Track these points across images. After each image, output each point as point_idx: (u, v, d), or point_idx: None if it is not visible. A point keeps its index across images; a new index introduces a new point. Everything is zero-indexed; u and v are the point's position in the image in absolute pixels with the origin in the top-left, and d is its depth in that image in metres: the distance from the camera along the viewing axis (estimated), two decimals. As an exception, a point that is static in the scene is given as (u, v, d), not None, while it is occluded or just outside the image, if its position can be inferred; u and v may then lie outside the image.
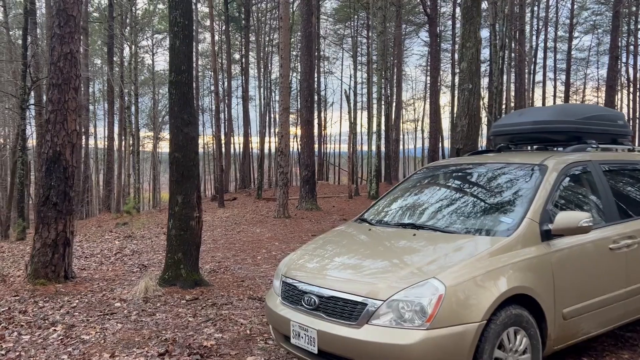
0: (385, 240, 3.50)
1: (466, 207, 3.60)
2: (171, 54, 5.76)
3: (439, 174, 4.21)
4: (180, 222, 5.83)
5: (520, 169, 3.74)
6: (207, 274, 6.75)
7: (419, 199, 4.00)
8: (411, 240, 3.31)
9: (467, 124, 8.11)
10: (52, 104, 6.22)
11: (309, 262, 3.53)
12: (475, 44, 8.20)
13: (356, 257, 3.34)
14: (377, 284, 2.91)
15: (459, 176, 4.01)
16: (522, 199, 3.39)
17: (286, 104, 13.26)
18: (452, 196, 3.81)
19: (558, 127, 4.12)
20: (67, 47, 6.25)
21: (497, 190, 3.66)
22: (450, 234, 3.31)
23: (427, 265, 2.96)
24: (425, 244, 3.26)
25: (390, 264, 3.12)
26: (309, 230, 11.30)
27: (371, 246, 3.47)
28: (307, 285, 3.20)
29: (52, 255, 6.17)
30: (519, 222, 3.21)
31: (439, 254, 3.09)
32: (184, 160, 5.78)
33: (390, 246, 3.39)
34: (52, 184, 6.18)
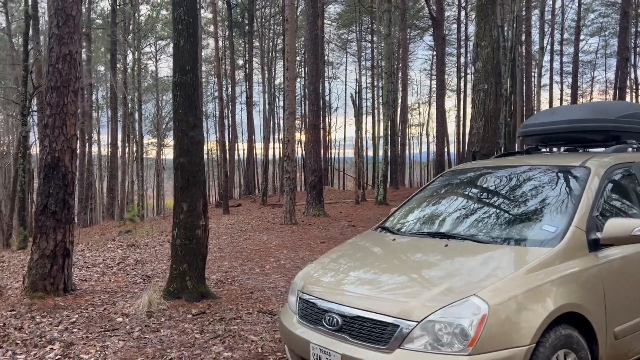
0: (413, 251, 3.16)
1: (502, 214, 3.26)
2: (175, 54, 5.47)
3: (467, 177, 3.87)
4: (185, 231, 5.51)
5: (559, 171, 3.40)
6: (213, 285, 6.42)
7: (447, 205, 3.66)
8: (443, 252, 2.97)
9: (483, 126, 7.79)
10: (50, 108, 5.93)
11: (329, 276, 3.20)
12: (491, 43, 7.89)
13: (382, 271, 3.01)
14: (409, 302, 2.57)
15: (490, 180, 3.68)
16: (565, 205, 3.05)
17: (292, 107, 12.97)
18: (485, 202, 3.47)
19: (596, 126, 3.79)
20: (66, 48, 5.96)
21: (534, 195, 3.31)
22: (487, 245, 2.97)
23: (465, 281, 2.62)
24: (460, 256, 2.92)
25: (422, 279, 2.78)
26: (317, 237, 10.96)
27: (398, 258, 3.13)
28: (328, 303, 2.87)
29: (50, 266, 5.86)
30: (564, 230, 2.87)
31: (478, 267, 2.76)
32: (190, 165, 5.47)
33: (419, 259, 3.05)
34: (51, 192, 5.88)
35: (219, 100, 21.34)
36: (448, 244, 3.03)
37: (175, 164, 5.56)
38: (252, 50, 34.76)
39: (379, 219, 14.19)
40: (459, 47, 35.33)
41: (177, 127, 5.49)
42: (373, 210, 16.86)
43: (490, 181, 3.68)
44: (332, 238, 10.70)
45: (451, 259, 2.91)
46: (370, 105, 38.84)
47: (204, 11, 36.13)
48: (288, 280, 6.72)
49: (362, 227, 12.58)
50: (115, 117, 27.65)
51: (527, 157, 3.95)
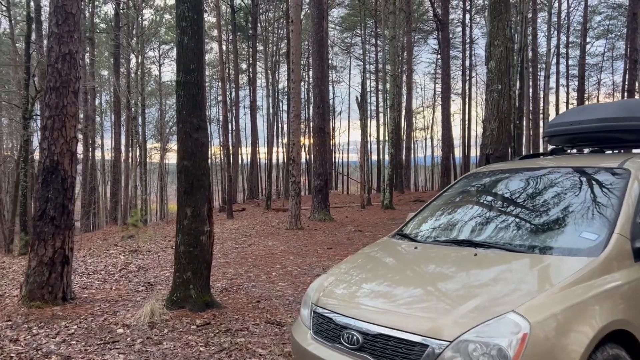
0: (439, 261, 2.89)
1: (534, 220, 2.99)
2: (179, 52, 5.23)
3: (491, 180, 3.61)
4: (189, 237, 5.26)
5: (594, 173, 3.14)
6: (218, 294, 6.16)
7: (471, 211, 3.39)
8: (473, 262, 2.71)
9: (497, 128, 7.53)
10: (49, 109, 5.70)
11: (346, 287, 2.94)
12: (504, 42, 7.64)
13: (405, 283, 2.74)
14: (439, 319, 2.31)
15: (518, 183, 3.41)
16: (605, 210, 2.79)
17: (298, 110, 12.73)
18: (514, 207, 3.20)
19: (631, 125, 3.52)
20: (66, 47, 5.74)
21: (568, 199, 3.05)
22: (520, 254, 2.71)
23: (500, 295, 2.36)
24: (492, 266, 2.66)
25: (452, 292, 2.52)
26: (323, 242, 10.70)
27: (423, 269, 2.86)
28: (347, 318, 2.61)
29: (49, 274, 5.62)
30: (606, 239, 2.60)
31: (513, 280, 2.49)
32: (194, 168, 5.22)
33: (447, 269, 2.77)
34: (49, 197, 5.64)
35: (223, 104, 21.13)
36: (477, 253, 2.77)
37: (179, 167, 5.32)
38: (255, 54, 34.61)
39: (386, 223, 13.94)
40: (464, 50, 35.15)
41: (181, 128, 5.25)
42: (379, 215, 16.58)
43: (518, 184, 3.42)
44: (339, 243, 10.43)
45: (482, 269, 2.64)
46: (375, 109, 38.66)
47: (207, 15, 36.08)
48: (295, 288, 6.46)
49: (369, 232, 12.31)
50: (118, 121, 27.51)
51: (556, 159, 3.68)
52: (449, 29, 27.53)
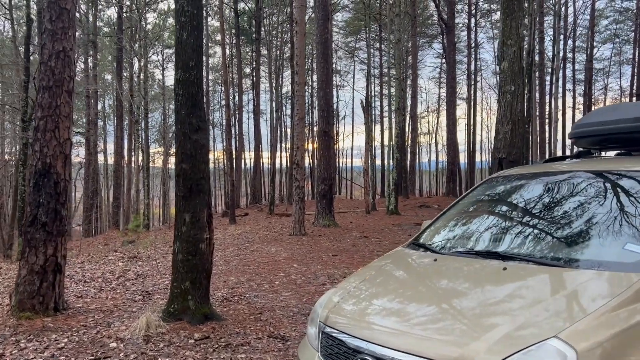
0: (463, 276, 2.58)
1: (569, 230, 2.67)
2: (177, 49, 4.95)
3: (516, 185, 3.28)
4: (187, 244, 4.96)
5: (633, 178, 2.82)
6: (218, 304, 5.86)
7: (497, 218, 3.07)
8: (502, 277, 2.39)
9: (510, 131, 7.21)
10: (41, 109, 5.43)
11: (358, 304, 2.63)
12: (518, 42, 7.34)
13: (427, 301, 2.43)
14: (470, 345, 1.99)
15: (547, 188, 3.08)
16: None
17: (302, 113, 12.44)
18: (544, 215, 2.88)
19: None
20: (60, 45, 5.47)
21: (607, 207, 2.73)
22: (555, 269, 2.39)
23: (537, 317, 2.04)
24: (524, 282, 2.35)
25: (481, 312, 2.20)
26: (328, 249, 10.38)
27: (445, 284, 2.54)
28: (361, 341, 2.29)
29: (40, 284, 5.32)
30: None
31: (550, 298, 2.17)
32: (193, 172, 4.93)
33: (473, 286, 2.45)
34: (41, 201, 5.36)
35: (226, 107, 20.90)
36: (506, 266, 2.45)
37: (177, 171, 5.03)
38: (259, 58, 34.40)
39: (392, 229, 13.59)
40: (469, 55, 34.86)
41: (179, 129, 4.96)
42: (384, 221, 16.25)
43: (546, 190, 3.10)
44: (345, 250, 10.12)
45: (513, 286, 2.33)
46: (379, 114, 38.40)
47: (210, 19, 35.96)
48: (300, 298, 6.15)
49: (375, 238, 11.99)
50: (120, 125, 27.31)
51: (585, 162, 3.36)
52: (454, 33, 27.24)
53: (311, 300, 6.00)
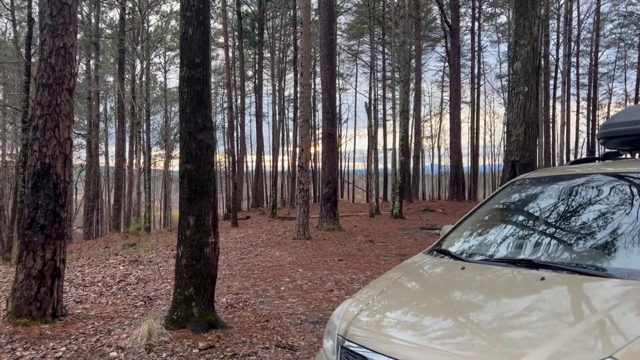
0: (496, 287, 2.36)
1: (609, 236, 2.45)
2: (183, 45, 4.76)
3: (544, 188, 3.06)
4: (192, 249, 4.75)
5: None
6: (223, 310, 5.64)
7: (528, 223, 2.85)
8: (540, 289, 2.18)
9: (524, 133, 7.00)
10: (41, 108, 5.23)
11: (381, 316, 2.41)
12: (531, 41, 7.14)
13: (458, 313, 2.21)
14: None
15: (578, 191, 2.87)
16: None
17: (306, 115, 12.24)
18: (579, 220, 2.66)
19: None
20: (60, 41, 5.28)
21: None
22: (600, 279, 2.17)
23: (585, 334, 1.83)
24: (567, 295, 2.13)
25: (521, 328, 1.98)
26: (333, 253, 10.16)
27: (477, 296, 2.32)
28: (385, 358, 2.08)
29: (37, 289, 5.11)
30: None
31: (597, 313, 1.96)
32: (198, 173, 4.72)
33: (509, 298, 2.23)
34: (40, 203, 5.16)
35: (229, 110, 20.71)
36: (544, 277, 2.23)
37: (182, 172, 4.82)
38: (262, 60, 34.27)
39: (397, 234, 13.36)
40: (473, 59, 34.70)
41: (184, 128, 4.75)
42: (389, 225, 16.03)
43: (578, 193, 2.88)
44: (350, 255, 9.90)
45: (554, 299, 2.11)
46: (382, 117, 38.22)
47: (213, 22, 35.87)
48: (307, 305, 5.93)
49: (381, 242, 11.77)
50: (122, 127, 27.15)
51: (616, 164, 3.15)
52: (459, 36, 27.07)
53: (319, 307, 5.79)
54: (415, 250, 10.51)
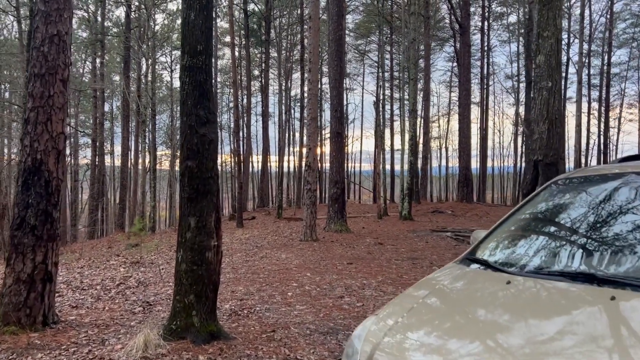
0: (555, 307, 1.94)
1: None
2: (184, 31, 4.38)
3: (598, 188, 2.66)
4: (192, 253, 4.37)
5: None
6: (226, 318, 5.26)
7: (578, 229, 2.44)
8: (612, 311, 1.77)
9: (547, 130, 6.58)
10: (32, 100, 4.88)
11: (414, 339, 2.01)
12: (555, 33, 6.71)
13: (514, 340, 1.80)
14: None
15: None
16: None
17: (314, 113, 11.84)
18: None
19: None
20: (54, 28, 4.92)
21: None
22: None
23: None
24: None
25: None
26: (342, 256, 9.76)
27: (532, 318, 1.90)
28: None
29: (27, 294, 4.75)
30: None
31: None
32: (200, 170, 4.34)
33: (572, 323, 1.81)
34: (30, 202, 4.80)
35: (235, 108, 20.37)
36: (615, 295, 1.83)
37: (182, 169, 4.44)
38: (268, 59, 33.91)
39: (408, 236, 12.92)
40: (482, 58, 34.21)
41: (185, 122, 4.37)
42: (398, 226, 15.60)
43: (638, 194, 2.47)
44: (360, 258, 9.49)
45: (634, 324, 1.70)
46: (389, 117, 37.79)
47: (220, 20, 35.58)
48: (316, 313, 5.53)
49: (391, 245, 11.35)
50: (127, 125, 26.89)
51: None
52: (469, 34, 26.60)
53: (329, 316, 5.39)
54: (427, 254, 10.09)
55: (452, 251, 10.49)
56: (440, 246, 11.29)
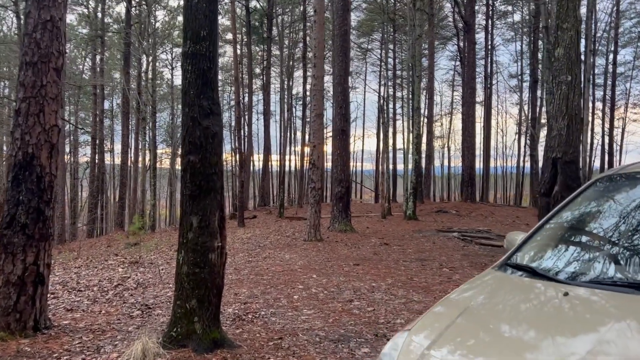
0: (629, 325, 1.63)
1: None
2: (186, 15, 4.07)
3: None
4: (195, 255, 4.06)
5: None
6: (230, 324, 4.95)
7: None
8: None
9: (566, 127, 6.26)
10: (24, 90, 4.56)
11: (462, 356, 1.70)
12: (575, 25, 6.40)
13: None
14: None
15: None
16: None
17: (319, 109, 11.53)
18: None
19: None
20: (47, 13, 4.61)
21: None
22: None
23: None
24: None
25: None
26: (348, 257, 9.45)
27: (608, 337, 1.59)
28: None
29: (17, 297, 4.45)
30: None
31: None
32: (203, 165, 4.03)
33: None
34: (21, 199, 4.49)
35: (236, 106, 20.06)
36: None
37: (184, 164, 4.13)
38: (270, 57, 33.61)
39: (413, 236, 12.58)
40: (487, 57, 33.88)
41: (187, 114, 4.06)
42: (403, 226, 15.29)
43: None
44: (366, 259, 9.18)
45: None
46: (392, 116, 37.44)
47: (221, 17, 35.25)
48: (325, 318, 5.22)
49: (397, 246, 11.04)
50: (127, 123, 26.58)
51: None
52: (474, 32, 26.25)
53: (338, 321, 5.08)
54: (436, 255, 9.77)
55: (461, 252, 10.18)
56: (448, 247, 10.97)
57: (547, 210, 6.30)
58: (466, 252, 10.25)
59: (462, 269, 8.13)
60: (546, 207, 6.23)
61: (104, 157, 32.04)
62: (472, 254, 9.87)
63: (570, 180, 6.11)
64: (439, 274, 7.76)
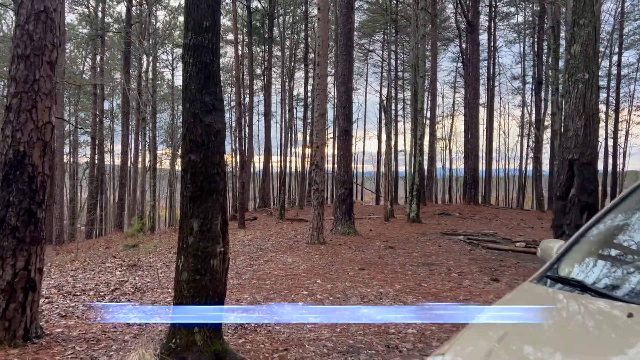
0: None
1: None
2: (188, 5, 3.81)
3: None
4: (195, 260, 3.79)
5: None
6: (231, 333, 4.68)
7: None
8: None
9: (584, 127, 6.01)
10: (15, 84, 4.31)
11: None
12: (593, 21, 6.15)
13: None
14: None
15: None
16: None
17: (322, 109, 11.27)
18: None
19: None
20: (41, 4, 4.36)
21: None
22: None
23: None
24: None
25: None
26: (352, 260, 9.19)
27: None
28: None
29: (6, 305, 4.18)
30: None
31: None
32: (204, 165, 3.77)
33: None
34: (11, 200, 4.23)
35: (237, 106, 19.81)
36: None
37: (184, 164, 3.86)
38: (271, 57, 33.35)
39: (418, 239, 12.29)
40: (489, 58, 33.64)
41: (188, 110, 3.80)
42: (407, 229, 15.02)
43: None
44: (371, 263, 8.92)
45: None
46: (394, 117, 37.19)
47: (222, 18, 35.00)
48: (332, 327, 4.95)
49: (402, 249, 10.78)
50: (127, 123, 26.33)
51: None
52: (478, 32, 26.03)
53: (347, 331, 4.81)
54: (443, 259, 9.50)
55: (468, 256, 9.92)
56: (454, 250, 10.71)
57: (563, 214, 6.04)
58: (473, 256, 9.98)
59: (471, 274, 7.87)
60: (562, 211, 5.97)
61: (103, 158, 31.79)
62: (479, 259, 9.61)
63: (587, 183, 5.86)
64: (448, 279, 7.49)
